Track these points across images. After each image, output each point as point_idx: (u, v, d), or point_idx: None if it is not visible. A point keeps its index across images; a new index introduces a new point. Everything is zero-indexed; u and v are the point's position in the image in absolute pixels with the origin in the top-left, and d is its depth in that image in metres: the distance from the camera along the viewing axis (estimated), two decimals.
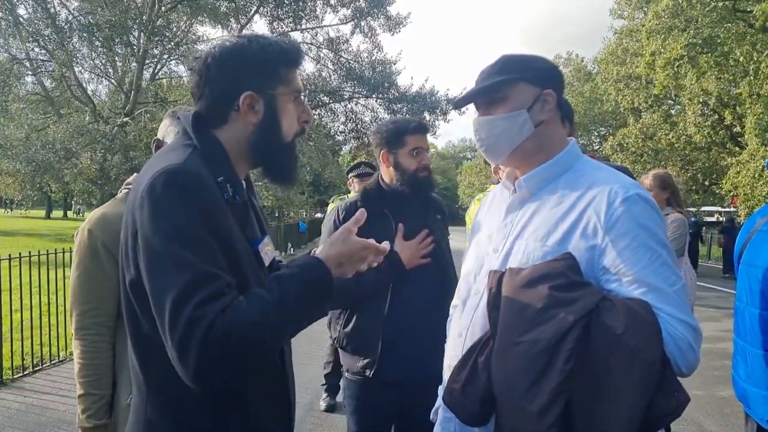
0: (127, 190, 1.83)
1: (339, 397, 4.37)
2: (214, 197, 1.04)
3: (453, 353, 1.39)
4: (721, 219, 20.33)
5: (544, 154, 1.33)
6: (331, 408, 4.26)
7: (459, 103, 1.43)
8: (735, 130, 18.77)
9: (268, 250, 1.18)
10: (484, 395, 1.19)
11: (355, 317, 2.12)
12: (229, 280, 1.02)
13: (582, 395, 1.05)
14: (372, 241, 1.19)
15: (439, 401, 1.48)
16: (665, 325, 1.08)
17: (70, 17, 16.50)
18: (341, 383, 2.31)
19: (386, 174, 2.22)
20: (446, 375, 1.40)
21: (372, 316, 2.08)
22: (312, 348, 5.44)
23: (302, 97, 1.23)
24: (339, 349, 2.24)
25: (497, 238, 1.36)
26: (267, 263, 1.17)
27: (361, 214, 1.21)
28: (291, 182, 1.24)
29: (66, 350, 5.37)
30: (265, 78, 1.15)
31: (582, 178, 1.28)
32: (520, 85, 1.31)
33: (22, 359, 4.98)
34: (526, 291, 1.14)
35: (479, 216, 1.59)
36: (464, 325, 1.36)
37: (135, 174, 1.59)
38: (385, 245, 1.21)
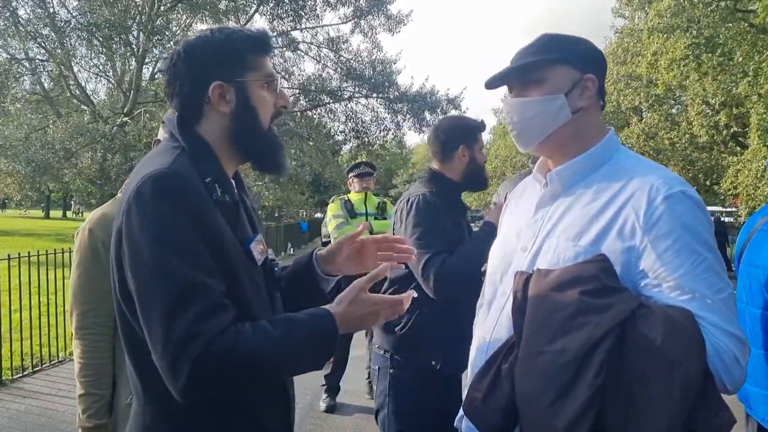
0: None
1: (340, 398, 4.39)
2: (202, 199, 1.03)
3: (476, 358, 1.31)
4: (722, 219, 20.33)
5: (579, 144, 1.23)
6: (331, 409, 4.24)
7: (491, 82, 1.31)
8: (733, 130, 18.78)
9: (260, 249, 1.17)
10: (507, 405, 1.10)
11: (421, 310, 2.04)
12: (221, 287, 1.00)
13: (615, 409, 0.96)
14: (385, 296, 1.16)
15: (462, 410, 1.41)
16: (709, 337, 0.99)
17: (69, 17, 16.48)
18: (381, 383, 2.18)
19: (450, 169, 2.23)
20: (468, 381, 1.31)
21: (439, 309, 2.04)
22: None
23: (276, 83, 1.20)
24: (395, 343, 2.12)
25: (526, 235, 1.26)
26: (259, 262, 1.16)
27: (381, 271, 1.18)
28: (278, 168, 1.23)
29: (65, 351, 5.35)
30: (232, 67, 1.14)
31: (620, 172, 1.17)
32: (560, 67, 1.21)
33: (22, 360, 4.95)
34: (554, 295, 1.05)
35: (507, 211, 1.48)
36: (488, 329, 1.28)
37: None
38: (410, 293, 1.17)
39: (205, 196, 1.04)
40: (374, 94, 19.44)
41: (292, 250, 18.17)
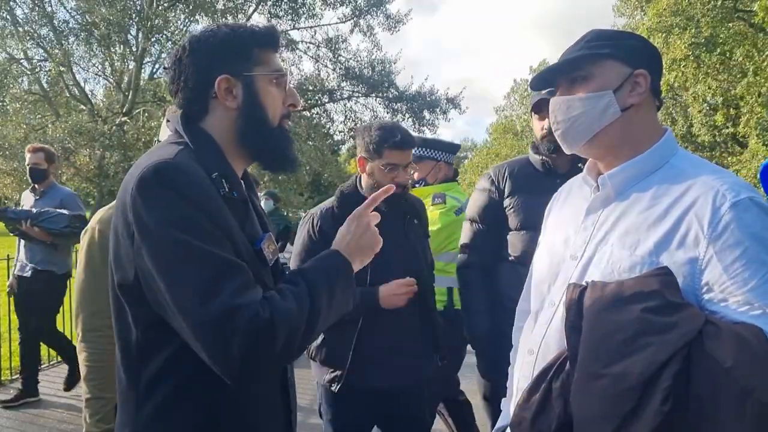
0: None
1: None
2: (207, 191, 0.99)
3: (523, 373, 1.21)
4: None
5: (632, 145, 1.14)
6: None
7: (537, 82, 1.25)
8: (731, 130, 18.82)
9: (271, 249, 1.13)
10: (559, 429, 1.01)
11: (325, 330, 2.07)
12: (247, 267, 0.98)
13: None
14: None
15: (503, 422, 1.32)
16: None
17: (68, 16, 16.47)
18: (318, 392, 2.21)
19: (363, 179, 2.09)
20: (514, 399, 1.21)
21: (343, 331, 1.97)
22: None
23: (285, 80, 1.16)
24: (310, 360, 2.13)
25: (576, 242, 1.18)
26: (270, 262, 1.12)
27: (382, 193, 1.24)
28: (288, 166, 1.19)
29: None
30: (239, 60, 1.10)
31: (680, 175, 1.08)
32: (608, 62, 1.14)
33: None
34: (612, 312, 0.96)
35: (551, 213, 1.39)
36: (536, 342, 1.20)
37: None
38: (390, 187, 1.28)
39: (212, 190, 1.01)
40: (373, 94, 19.41)
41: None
